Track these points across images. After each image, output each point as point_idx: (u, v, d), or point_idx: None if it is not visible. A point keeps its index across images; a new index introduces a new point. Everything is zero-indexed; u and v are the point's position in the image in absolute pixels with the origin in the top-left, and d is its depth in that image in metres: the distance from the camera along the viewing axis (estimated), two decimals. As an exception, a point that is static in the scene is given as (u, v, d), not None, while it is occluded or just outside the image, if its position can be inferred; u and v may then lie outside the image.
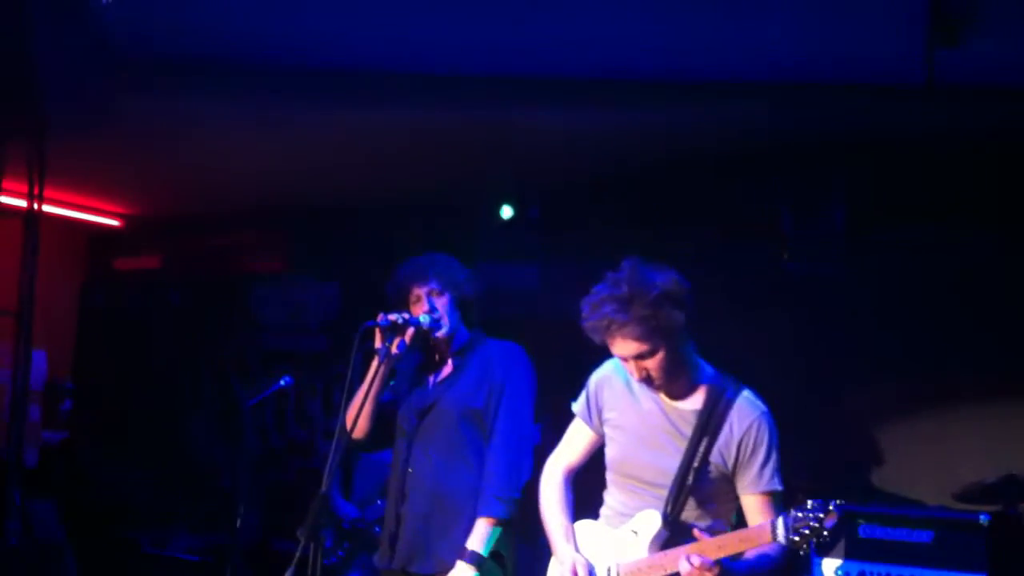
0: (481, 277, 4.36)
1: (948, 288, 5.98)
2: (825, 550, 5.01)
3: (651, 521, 3.41)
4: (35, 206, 5.93)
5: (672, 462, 3.42)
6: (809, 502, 3.10)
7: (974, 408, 5.87)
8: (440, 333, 4.18)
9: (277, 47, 5.24)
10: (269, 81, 5.49)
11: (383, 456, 4.75)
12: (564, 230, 6.65)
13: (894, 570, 4.92)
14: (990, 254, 5.91)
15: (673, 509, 3.40)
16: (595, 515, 3.70)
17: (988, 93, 4.96)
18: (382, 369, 4.08)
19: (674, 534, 3.38)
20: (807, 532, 3.07)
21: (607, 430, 3.63)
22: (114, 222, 8.47)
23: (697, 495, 3.41)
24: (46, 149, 5.83)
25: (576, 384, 3.78)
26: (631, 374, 3.44)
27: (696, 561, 3.17)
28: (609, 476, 3.65)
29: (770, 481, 3.38)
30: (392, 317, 4.07)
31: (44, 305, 6.10)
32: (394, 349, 4.08)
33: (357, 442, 4.15)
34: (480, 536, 3.98)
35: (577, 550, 3.57)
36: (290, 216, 8.07)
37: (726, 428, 3.39)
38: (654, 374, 3.38)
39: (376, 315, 4.07)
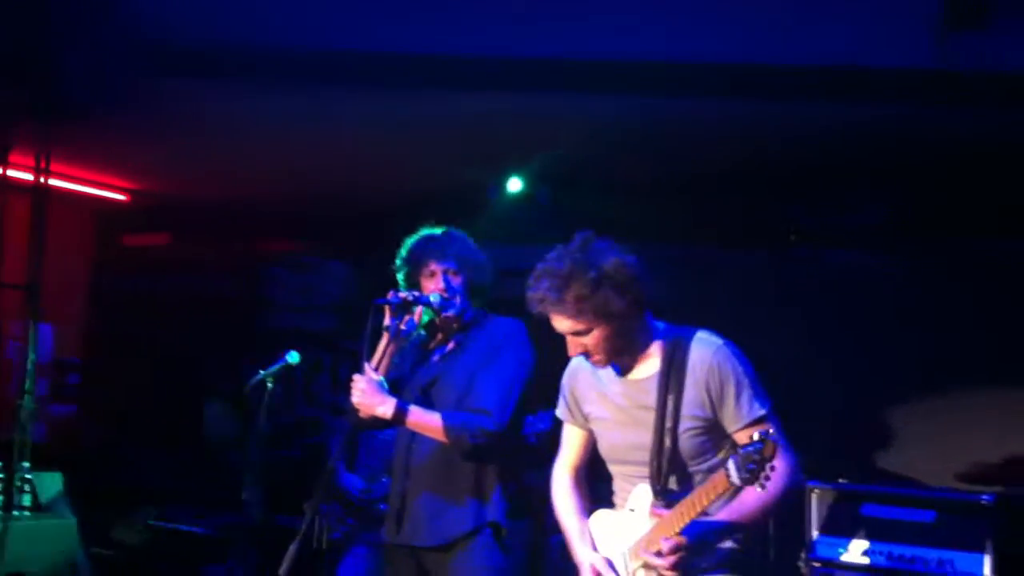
0: (492, 259, 4.36)
1: (954, 275, 6.01)
2: (829, 529, 5.02)
3: (644, 495, 3.32)
4: (42, 180, 5.96)
5: (649, 435, 3.31)
6: (753, 435, 2.96)
7: (979, 389, 5.90)
8: (450, 312, 4.18)
9: (295, 31, 5.24)
10: (286, 66, 5.48)
11: (389, 434, 4.75)
12: (574, 213, 6.66)
13: (896, 549, 4.92)
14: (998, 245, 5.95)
15: (661, 477, 3.28)
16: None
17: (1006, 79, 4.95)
18: (391, 347, 4.09)
19: (672, 502, 3.25)
20: (754, 468, 2.90)
21: (591, 425, 3.58)
22: (121, 196, 8.47)
23: (683, 455, 3.29)
24: (55, 126, 5.84)
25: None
26: (569, 350, 3.37)
27: (662, 547, 3.10)
28: (609, 467, 3.59)
29: (751, 409, 3.22)
30: (403, 295, 4.08)
31: (52, 280, 6.12)
32: (403, 327, 4.09)
33: (364, 420, 4.15)
34: (419, 412, 3.97)
35: (594, 547, 3.48)
36: (301, 196, 8.08)
37: (689, 378, 3.26)
38: (591, 350, 3.31)
39: (387, 292, 4.08)
